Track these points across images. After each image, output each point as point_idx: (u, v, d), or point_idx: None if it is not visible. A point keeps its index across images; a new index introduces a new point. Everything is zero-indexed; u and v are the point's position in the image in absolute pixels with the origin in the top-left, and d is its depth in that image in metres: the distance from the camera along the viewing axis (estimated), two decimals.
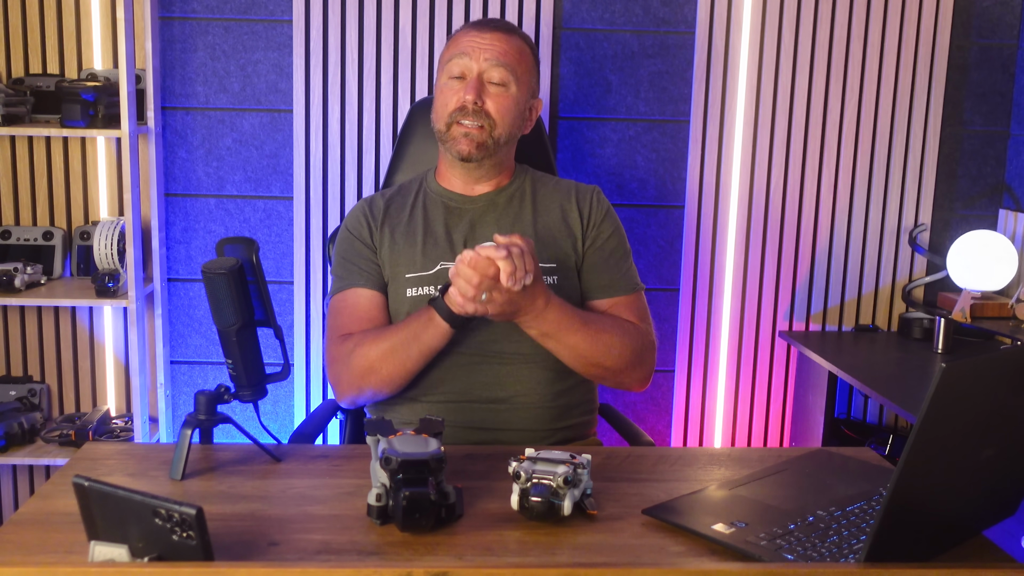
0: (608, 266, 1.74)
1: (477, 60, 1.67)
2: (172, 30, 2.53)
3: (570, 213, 1.75)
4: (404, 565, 0.92)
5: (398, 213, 1.75)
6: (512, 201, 1.75)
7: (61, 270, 2.55)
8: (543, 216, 1.74)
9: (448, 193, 1.75)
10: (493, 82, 1.67)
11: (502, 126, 1.68)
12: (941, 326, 2.38)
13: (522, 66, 1.71)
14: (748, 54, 2.58)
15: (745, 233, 2.65)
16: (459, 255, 1.45)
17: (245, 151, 2.59)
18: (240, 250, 1.33)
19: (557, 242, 1.72)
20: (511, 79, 1.68)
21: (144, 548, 0.98)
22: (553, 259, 1.70)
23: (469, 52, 1.67)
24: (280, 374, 1.40)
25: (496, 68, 1.67)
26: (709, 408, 2.74)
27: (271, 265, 2.63)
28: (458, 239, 1.70)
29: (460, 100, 1.66)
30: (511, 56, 1.69)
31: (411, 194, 1.78)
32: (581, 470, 1.19)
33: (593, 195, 1.78)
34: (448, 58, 1.70)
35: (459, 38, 1.72)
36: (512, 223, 1.73)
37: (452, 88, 1.68)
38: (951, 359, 1.93)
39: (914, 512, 1.01)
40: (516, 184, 1.77)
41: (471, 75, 1.67)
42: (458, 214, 1.73)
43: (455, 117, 1.67)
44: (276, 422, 2.65)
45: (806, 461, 1.38)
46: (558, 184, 1.81)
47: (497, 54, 1.67)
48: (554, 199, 1.77)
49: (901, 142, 2.64)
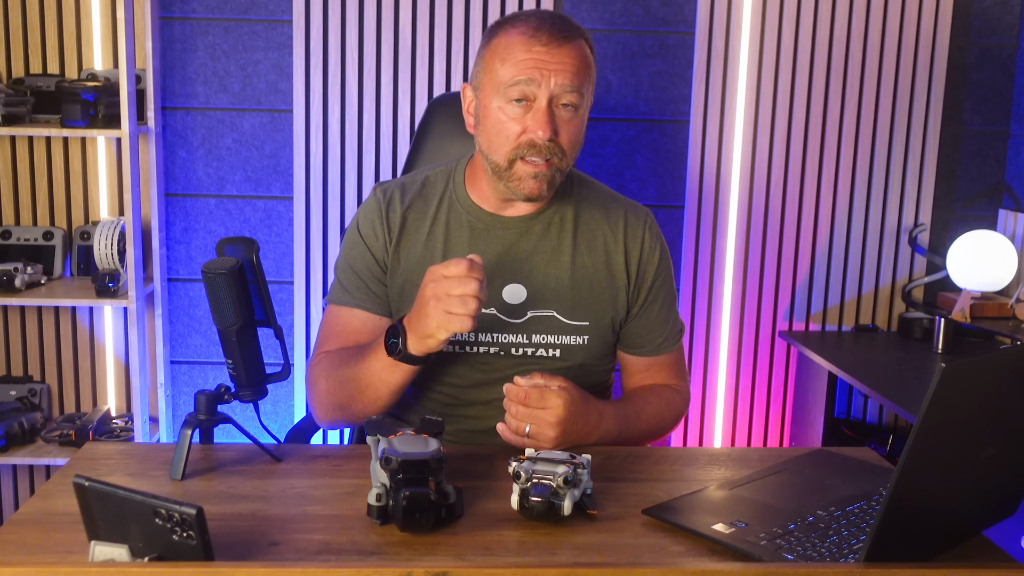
0: (656, 324, 1.58)
1: (547, 85, 1.40)
2: (172, 30, 2.53)
3: (615, 256, 1.55)
4: (404, 565, 0.92)
5: (416, 227, 1.54)
6: (549, 231, 1.53)
7: (61, 270, 2.55)
8: (582, 255, 1.54)
9: (477, 210, 1.53)
10: (563, 105, 1.42)
11: (572, 156, 1.47)
12: (941, 326, 2.38)
13: (590, 78, 1.46)
14: (748, 54, 2.58)
15: (745, 233, 2.65)
16: (508, 389, 1.35)
17: (245, 151, 2.59)
18: (240, 250, 1.33)
19: (595, 293, 1.53)
20: (582, 100, 1.44)
21: (144, 548, 0.98)
22: (587, 316, 1.52)
23: (537, 77, 1.40)
24: (280, 374, 1.40)
25: (569, 93, 1.41)
26: (709, 408, 2.74)
27: (271, 265, 2.63)
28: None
29: (529, 135, 1.41)
30: (582, 73, 1.43)
31: (435, 199, 1.55)
32: (581, 470, 1.19)
33: (645, 231, 1.57)
34: (507, 79, 1.41)
35: (516, 52, 1.41)
36: (546, 264, 1.52)
37: (514, 115, 1.42)
38: (951, 359, 1.93)
39: (914, 512, 1.01)
40: (556, 204, 1.54)
41: (539, 103, 1.41)
42: (485, 239, 1.52)
43: (521, 153, 1.42)
44: (276, 422, 2.65)
45: (806, 461, 1.38)
46: (606, 209, 1.58)
47: (571, 76, 1.41)
48: (598, 234, 1.55)
49: (901, 142, 2.64)
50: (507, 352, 1.51)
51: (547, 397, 1.34)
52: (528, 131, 1.41)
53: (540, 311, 1.51)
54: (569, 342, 1.52)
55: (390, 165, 2.56)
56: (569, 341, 1.52)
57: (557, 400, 1.34)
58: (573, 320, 1.52)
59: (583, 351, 1.52)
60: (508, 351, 1.51)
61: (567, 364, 1.52)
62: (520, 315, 1.51)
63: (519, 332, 1.51)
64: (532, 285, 1.51)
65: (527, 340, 1.51)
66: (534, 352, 1.52)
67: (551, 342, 1.51)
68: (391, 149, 2.55)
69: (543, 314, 1.51)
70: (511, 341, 1.51)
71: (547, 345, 1.51)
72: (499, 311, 1.51)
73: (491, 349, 1.51)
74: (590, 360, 1.54)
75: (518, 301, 1.51)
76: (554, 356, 1.52)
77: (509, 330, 1.51)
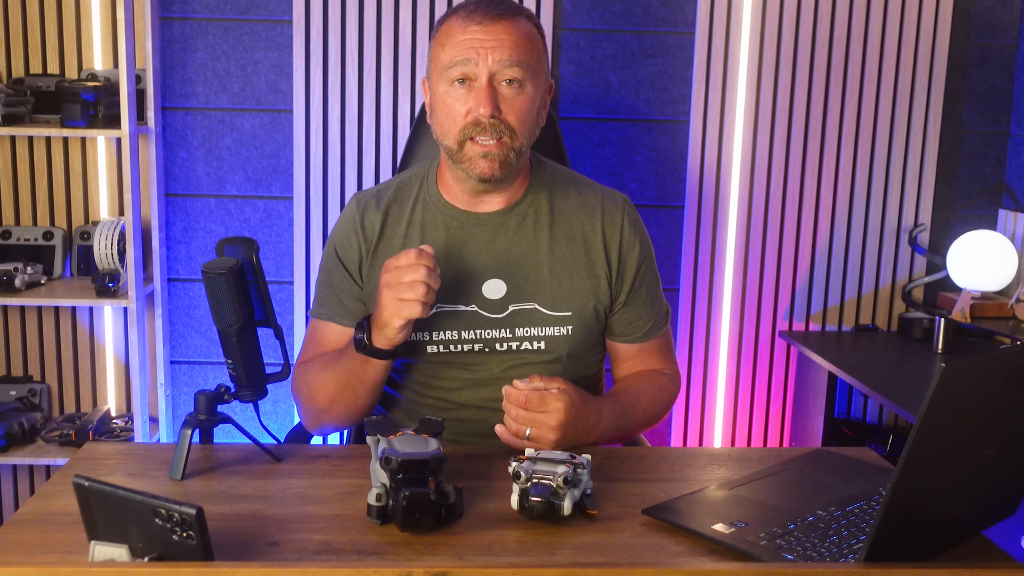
0: (644, 311, 1.59)
1: (485, 62, 1.41)
2: (172, 30, 2.53)
3: (594, 244, 1.55)
4: (404, 565, 0.92)
5: (393, 232, 1.55)
6: (525, 224, 1.54)
7: (61, 270, 2.55)
8: (560, 245, 1.54)
9: (451, 209, 1.54)
10: (506, 81, 1.43)
11: (522, 134, 1.45)
12: (941, 326, 2.38)
13: (534, 55, 1.45)
14: (748, 54, 2.58)
15: (745, 233, 2.65)
16: (507, 391, 1.36)
17: (245, 151, 2.59)
18: (240, 250, 1.33)
19: (575, 283, 1.53)
20: (526, 76, 1.43)
21: (144, 548, 0.98)
22: (569, 307, 1.52)
23: (473, 55, 1.41)
24: (280, 374, 1.40)
25: (510, 68, 1.42)
26: (709, 408, 2.74)
27: (271, 265, 2.63)
28: (459, 273, 1.51)
29: (472, 114, 1.42)
30: (523, 48, 1.43)
31: (409, 202, 1.57)
32: (581, 470, 1.19)
33: (624, 219, 1.57)
34: (447, 61, 1.43)
35: (454, 33, 1.44)
36: (524, 257, 1.53)
37: (457, 96, 1.43)
38: (951, 359, 1.92)
39: (914, 512, 1.01)
40: (530, 197, 1.55)
41: (479, 81, 1.42)
42: (461, 237, 1.53)
43: (468, 133, 1.43)
44: (276, 422, 2.65)
45: (806, 461, 1.38)
46: (581, 197, 1.57)
47: (509, 51, 1.41)
48: (575, 223, 1.55)
49: (901, 142, 2.64)
50: (492, 348, 1.51)
51: (547, 401, 1.34)
52: (471, 111, 1.42)
53: (521, 304, 1.52)
54: (553, 333, 1.52)
55: (390, 165, 2.56)
56: (553, 332, 1.52)
57: (558, 404, 1.34)
58: (555, 311, 1.52)
59: (568, 342, 1.52)
60: (492, 347, 1.51)
61: (553, 356, 1.52)
62: (501, 310, 1.51)
63: (502, 327, 1.51)
64: (511, 279, 1.52)
65: (510, 334, 1.51)
66: (519, 346, 1.52)
67: (535, 335, 1.52)
68: (391, 149, 2.55)
69: (525, 307, 1.52)
70: (494, 336, 1.51)
71: (531, 338, 1.52)
72: (480, 307, 1.51)
73: (475, 346, 1.51)
74: (576, 351, 1.54)
75: (498, 296, 1.52)
76: (539, 348, 1.52)
77: (492, 325, 1.51)
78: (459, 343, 1.51)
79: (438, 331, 1.50)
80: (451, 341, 1.51)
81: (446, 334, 1.51)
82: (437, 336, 1.50)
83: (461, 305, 1.51)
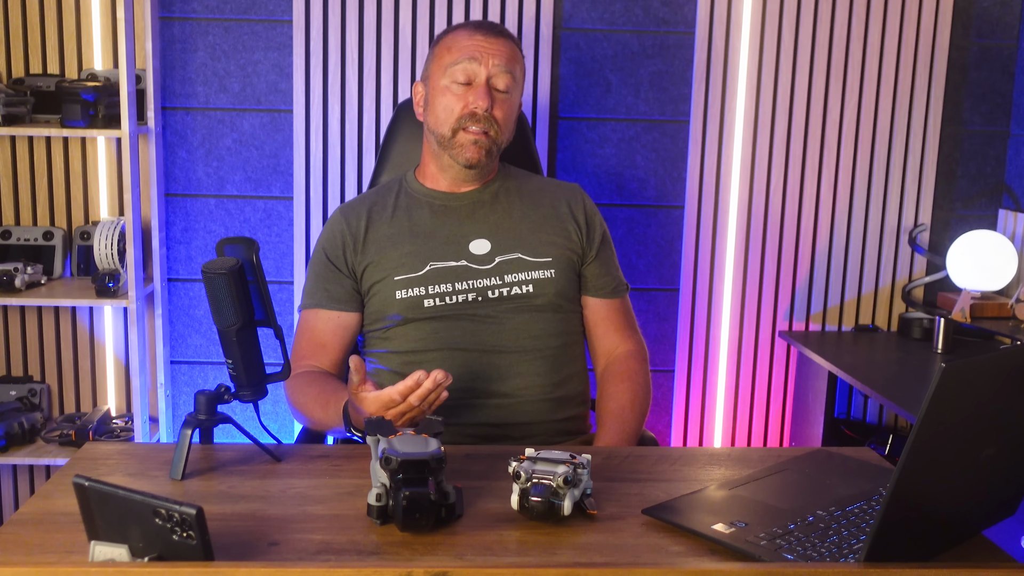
0: (610, 268, 1.80)
1: (486, 65, 1.68)
2: (172, 30, 2.53)
3: (560, 208, 1.78)
4: (404, 565, 0.92)
5: (380, 220, 1.75)
6: (499, 197, 1.78)
7: (61, 270, 2.55)
8: (533, 210, 1.77)
9: (433, 192, 1.77)
10: (499, 88, 1.70)
11: (506, 132, 1.73)
12: (941, 326, 2.38)
13: (520, 73, 1.75)
14: (748, 54, 2.58)
15: (745, 233, 2.65)
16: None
17: (245, 151, 2.59)
18: (240, 250, 1.33)
19: (552, 235, 1.75)
20: (513, 85, 1.72)
21: (144, 548, 0.98)
22: (550, 252, 1.72)
23: (478, 57, 1.68)
24: (280, 374, 1.40)
25: (503, 75, 1.69)
26: (709, 408, 2.74)
27: (271, 265, 2.63)
28: (447, 237, 1.72)
29: (470, 106, 1.67)
30: (514, 63, 1.72)
31: (391, 196, 1.79)
32: (581, 470, 1.19)
33: (582, 198, 1.82)
34: (452, 62, 1.70)
35: (461, 40, 1.71)
36: (503, 219, 1.75)
37: (457, 93, 1.69)
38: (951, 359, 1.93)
39: (914, 512, 1.01)
40: (499, 181, 1.80)
41: (479, 81, 1.68)
42: (444, 212, 1.75)
43: (463, 123, 1.68)
44: (276, 422, 2.66)
45: (806, 461, 1.39)
46: (540, 181, 1.86)
47: (504, 60, 1.70)
48: (542, 195, 1.80)
49: (901, 142, 2.64)
50: (484, 296, 1.67)
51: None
52: (469, 105, 1.67)
53: (506, 255, 1.71)
54: (538, 276, 1.69)
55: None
56: (538, 275, 1.70)
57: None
58: (538, 258, 1.71)
59: (553, 284, 1.70)
60: (484, 295, 1.68)
61: (542, 299, 1.69)
62: (489, 262, 1.70)
63: (491, 276, 1.69)
64: (495, 236, 1.72)
65: (500, 281, 1.69)
66: (509, 291, 1.68)
67: (522, 279, 1.69)
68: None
69: (510, 257, 1.71)
70: (485, 284, 1.68)
71: (519, 283, 1.69)
72: (469, 262, 1.70)
73: (468, 296, 1.67)
74: (560, 294, 1.71)
75: (484, 251, 1.71)
76: (528, 292, 1.68)
77: (481, 276, 1.69)
78: (454, 294, 1.67)
79: (433, 285, 1.67)
80: (446, 293, 1.67)
81: (442, 287, 1.67)
82: (433, 290, 1.67)
83: (451, 261, 1.69)
